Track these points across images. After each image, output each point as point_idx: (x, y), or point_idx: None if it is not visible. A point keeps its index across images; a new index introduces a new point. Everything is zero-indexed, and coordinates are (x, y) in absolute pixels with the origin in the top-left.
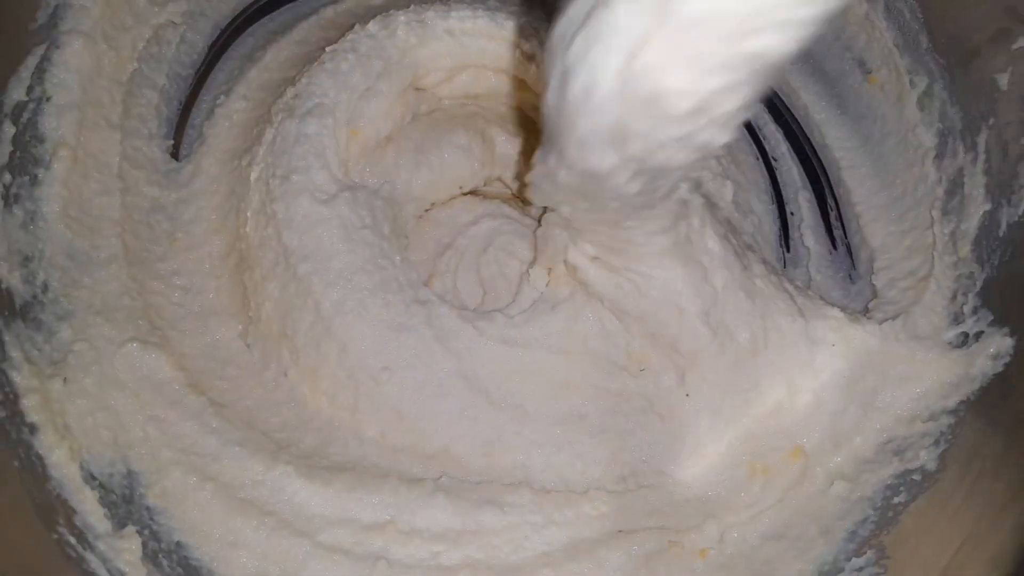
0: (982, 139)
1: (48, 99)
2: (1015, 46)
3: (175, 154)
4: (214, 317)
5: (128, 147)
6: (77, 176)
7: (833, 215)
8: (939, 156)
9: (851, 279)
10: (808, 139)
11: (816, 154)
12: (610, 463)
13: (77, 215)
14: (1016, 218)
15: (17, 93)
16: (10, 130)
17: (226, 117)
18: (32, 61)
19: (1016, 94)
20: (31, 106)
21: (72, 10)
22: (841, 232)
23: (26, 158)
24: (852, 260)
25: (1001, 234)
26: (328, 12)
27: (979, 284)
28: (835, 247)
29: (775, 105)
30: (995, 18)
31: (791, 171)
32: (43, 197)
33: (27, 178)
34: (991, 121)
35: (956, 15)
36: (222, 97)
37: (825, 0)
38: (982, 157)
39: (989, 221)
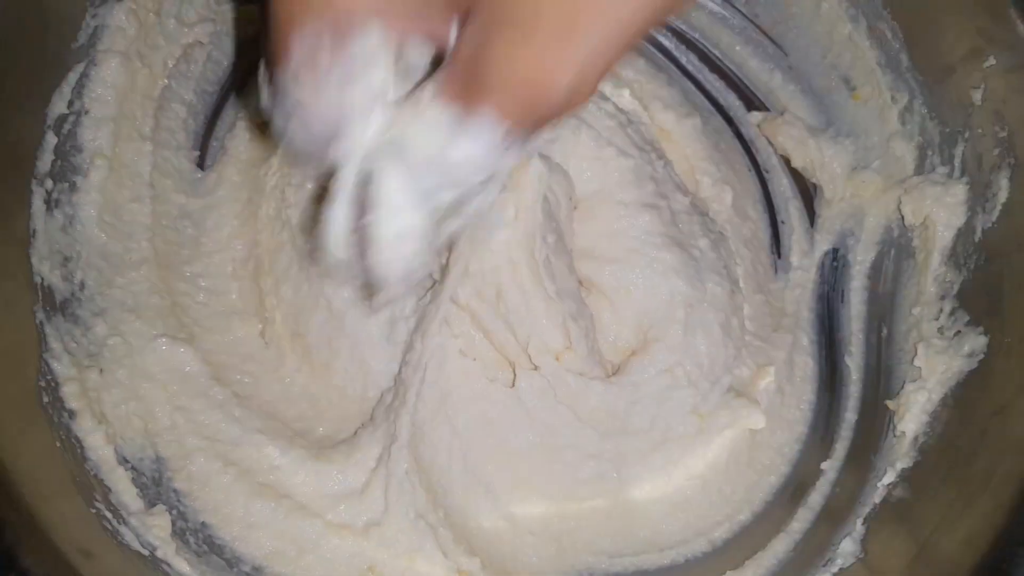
0: (958, 151)
1: (87, 112)
2: (986, 64)
3: (201, 164)
4: (236, 317)
5: (158, 157)
6: (112, 184)
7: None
8: (918, 169)
9: None
10: None
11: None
12: None
13: (111, 220)
14: (990, 224)
15: (59, 107)
16: (52, 140)
17: (246, 129)
18: (73, 77)
19: (989, 108)
20: (71, 118)
21: (109, 31)
22: None
23: (66, 166)
24: None
25: (976, 240)
26: None
27: (956, 287)
28: None
29: None
30: (969, 38)
31: (782, 182)
32: (81, 203)
33: (67, 184)
34: (966, 134)
35: (933, 35)
36: (243, 111)
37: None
38: (958, 169)
39: (966, 228)
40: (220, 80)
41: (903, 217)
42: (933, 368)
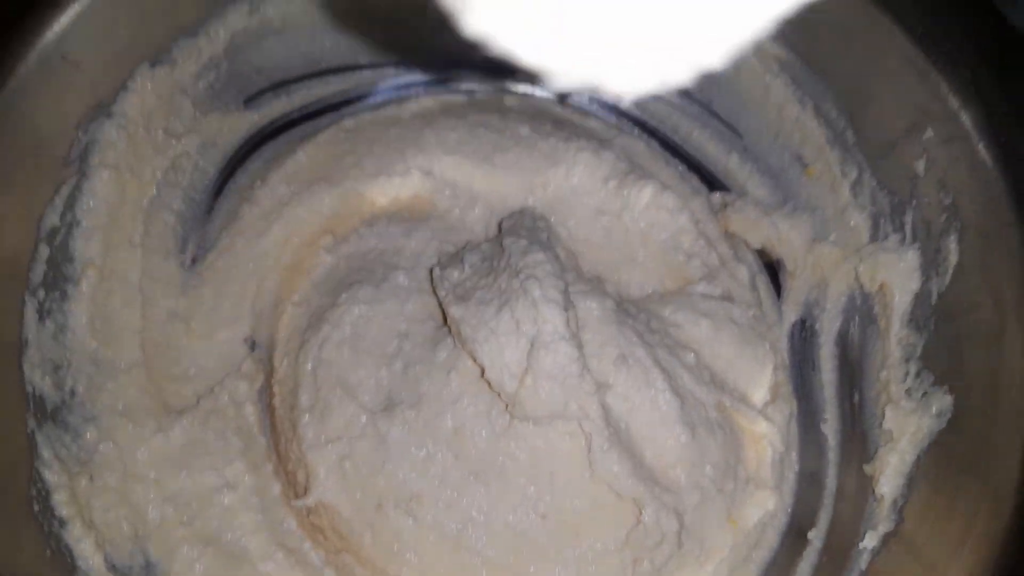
0: (908, 219)
1: (78, 224)
2: (925, 136)
3: (190, 267)
4: None
5: (147, 264)
6: (102, 292)
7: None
8: (872, 238)
9: None
10: None
11: None
12: None
13: (101, 327)
14: (944, 286)
15: (52, 219)
16: (45, 251)
17: (237, 233)
18: (65, 191)
19: (932, 177)
20: (63, 230)
21: (100, 146)
22: None
23: (58, 276)
24: None
25: (933, 302)
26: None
27: (919, 349)
28: None
29: None
30: (907, 113)
31: (747, 256)
32: (72, 311)
33: (58, 293)
34: (914, 203)
35: (874, 113)
36: (228, 225)
37: None
38: (909, 235)
39: (922, 291)
40: (207, 187)
41: (862, 285)
42: (903, 429)
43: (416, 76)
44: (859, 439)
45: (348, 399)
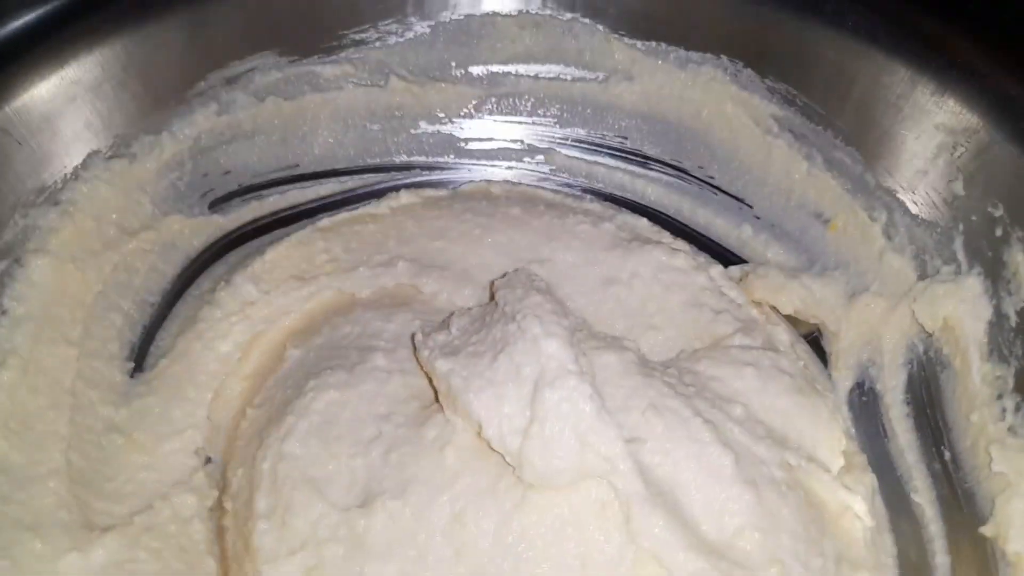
0: (958, 245)
1: (3, 312)
2: (957, 154)
3: (135, 375)
4: None
5: (85, 366)
6: (24, 388)
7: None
8: (921, 277)
9: None
10: None
11: None
12: None
13: (18, 428)
14: (1023, 304)
15: None
16: None
17: (195, 339)
18: None
19: (975, 193)
20: None
21: (40, 231)
22: None
23: None
24: None
25: (1014, 324)
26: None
27: (1011, 381)
28: None
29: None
30: (930, 138)
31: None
32: None
33: None
34: (960, 227)
35: (894, 148)
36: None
37: None
38: (964, 262)
39: (996, 317)
40: (164, 291)
41: (922, 326)
42: (1020, 469)
43: (396, 176)
44: (964, 500)
45: (315, 497)
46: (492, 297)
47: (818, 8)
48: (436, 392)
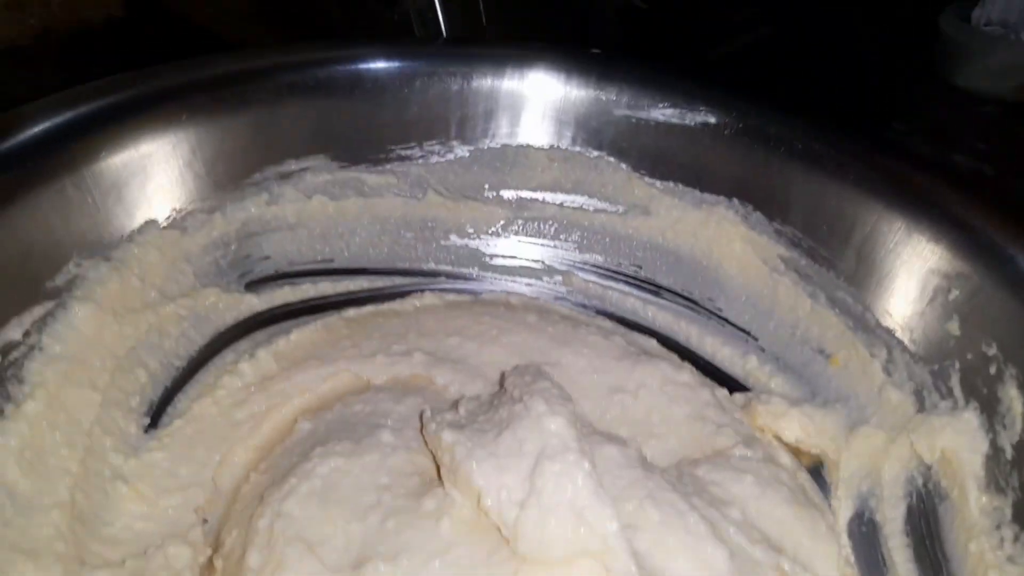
0: (955, 381)
1: (40, 349)
2: (951, 297)
3: (148, 431)
4: None
5: (104, 413)
6: (45, 423)
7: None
8: (919, 411)
9: None
10: None
11: None
12: None
13: (31, 458)
14: (1017, 438)
15: (14, 332)
16: None
17: (212, 404)
18: (38, 311)
19: (968, 335)
20: (22, 349)
21: (88, 282)
22: None
23: None
24: None
25: (1009, 458)
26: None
27: (1009, 512)
28: None
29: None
30: (927, 281)
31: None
32: (4, 431)
33: None
34: (956, 364)
35: (893, 291)
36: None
37: None
38: (961, 398)
39: (992, 450)
40: (190, 358)
41: (920, 457)
42: None
43: (423, 282)
44: None
45: (307, 556)
46: (502, 386)
47: (822, 161)
48: (438, 469)
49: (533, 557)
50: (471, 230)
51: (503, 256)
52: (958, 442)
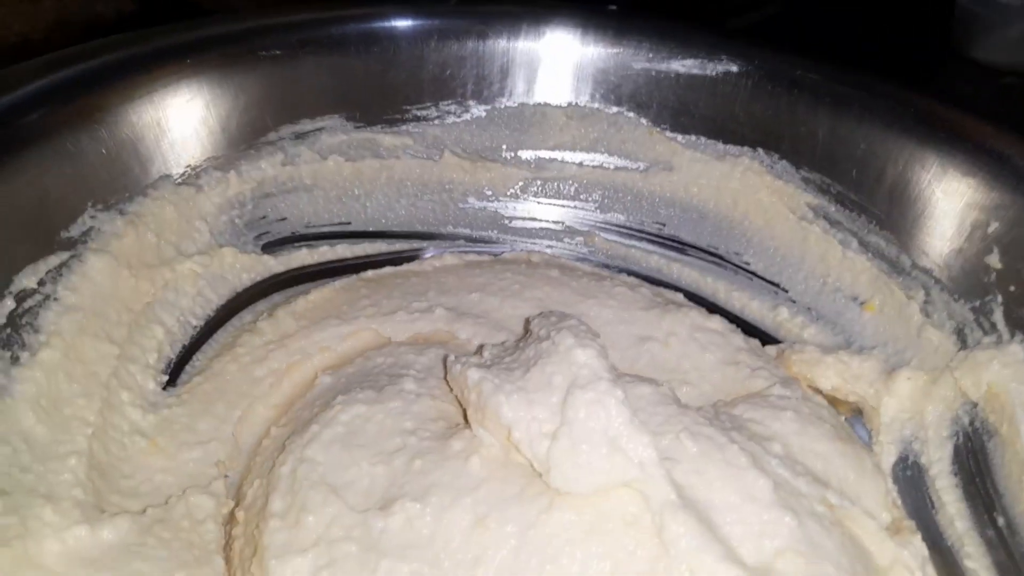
0: (998, 316)
1: (55, 299)
2: (990, 230)
3: (167, 388)
4: None
5: (122, 367)
6: (62, 372)
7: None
8: (961, 349)
9: None
10: None
11: None
12: None
13: (47, 406)
14: None
15: (28, 280)
16: (10, 305)
17: (231, 360)
18: (54, 261)
19: (1010, 266)
20: (37, 297)
21: (103, 234)
22: None
23: (13, 339)
24: None
25: None
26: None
27: None
28: None
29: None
30: (963, 216)
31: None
32: (20, 377)
33: (9, 355)
34: (999, 298)
35: (929, 229)
36: (222, 353)
37: None
38: (1006, 331)
39: None
40: (207, 317)
41: (966, 395)
42: None
43: (441, 245)
44: (1023, 563)
45: (332, 498)
46: (527, 332)
47: (849, 103)
48: (464, 413)
49: (567, 489)
50: (489, 192)
51: (523, 218)
52: (1005, 375)
